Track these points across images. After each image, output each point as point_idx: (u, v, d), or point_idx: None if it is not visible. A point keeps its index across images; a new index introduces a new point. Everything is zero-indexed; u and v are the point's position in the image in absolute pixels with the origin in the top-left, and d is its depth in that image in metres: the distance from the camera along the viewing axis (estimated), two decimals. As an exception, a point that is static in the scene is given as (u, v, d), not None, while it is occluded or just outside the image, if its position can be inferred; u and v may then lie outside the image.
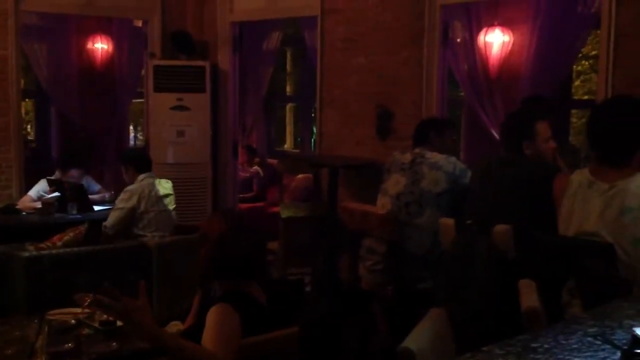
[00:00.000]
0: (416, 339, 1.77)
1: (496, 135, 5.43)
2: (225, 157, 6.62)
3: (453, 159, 3.41)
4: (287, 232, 5.07)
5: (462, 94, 6.46)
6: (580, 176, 2.63)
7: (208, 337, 2.08)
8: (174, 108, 6.12)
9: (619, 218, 2.46)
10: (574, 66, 7.10)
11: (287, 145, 10.17)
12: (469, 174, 3.37)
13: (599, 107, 2.76)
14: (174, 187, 4.86)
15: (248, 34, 6.76)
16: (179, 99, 6.12)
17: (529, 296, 2.17)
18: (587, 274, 2.41)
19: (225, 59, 6.52)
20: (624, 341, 1.70)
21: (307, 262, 5.12)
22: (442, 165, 3.36)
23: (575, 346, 1.68)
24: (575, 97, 7.41)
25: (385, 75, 5.29)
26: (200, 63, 6.24)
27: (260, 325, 2.22)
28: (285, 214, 5.11)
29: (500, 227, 2.89)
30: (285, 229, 5.08)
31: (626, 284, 2.33)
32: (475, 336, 2.50)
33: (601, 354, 1.62)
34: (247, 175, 7.27)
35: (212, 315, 2.14)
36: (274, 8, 6.12)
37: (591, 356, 1.61)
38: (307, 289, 4.88)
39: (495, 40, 5.78)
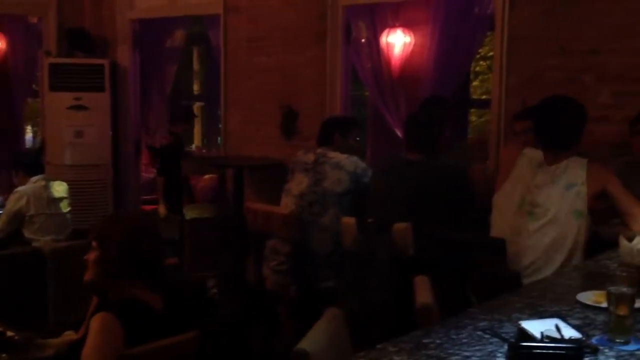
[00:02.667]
0: (311, 340, 1.76)
1: (400, 134, 5.53)
2: (126, 158, 6.44)
3: (354, 158, 3.44)
4: (192, 232, 4.98)
5: (367, 93, 6.55)
6: (534, 153, 2.98)
7: (87, 349, 2.02)
8: (71, 108, 5.90)
9: (564, 192, 2.81)
10: (473, 67, 7.31)
11: (195, 145, 10.00)
12: (370, 173, 3.41)
13: (545, 103, 3.09)
14: (72, 189, 4.69)
15: (150, 32, 6.60)
16: (77, 98, 5.90)
17: (422, 292, 2.21)
18: (479, 269, 2.50)
19: (125, 57, 6.33)
20: (512, 334, 1.76)
21: (212, 263, 5.04)
22: (344, 165, 3.39)
23: (465, 340, 1.72)
24: (474, 97, 7.64)
25: (290, 75, 5.29)
26: (98, 61, 6.04)
27: (152, 333, 2.15)
28: (189, 215, 5.02)
29: (399, 226, 2.94)
30: (190, 229, 4.99)
31: (515, 278, 2.42)
32: (374, 334, 2.53)
33: (489, 347, 1.67)
34: (150, 176, 7.09)
35: (92, 325, 2.08)
36: (176, 5, 5.99)
37: (480, 350, 1.66)
38: (214, 290, 4.80)
39: (397, 41, 5.88)
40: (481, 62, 9.00)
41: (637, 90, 3.88)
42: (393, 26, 5.82)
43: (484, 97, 8.13)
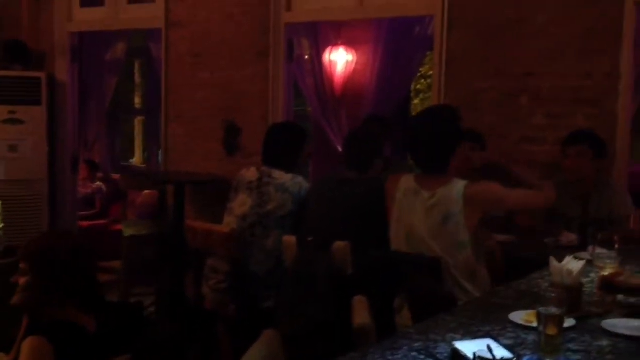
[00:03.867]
0: (247, 363, 1.75)
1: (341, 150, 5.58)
2: (63, 173, 6.29)
3: (299, 179, 3.42)
4: (130, 250, 4.88)
5: (309, 108, 6.58)
6: (406, 183, 2.79)
7: None
8: (5, 121, 5.75)
9: (443, 225, 2.67)
10: (414, 85, 7.45)
11: (136, 160, 9.85)
12: None
13: (413, 120, 2.94)
14: (6, 205, 4.55)
15: (90, 45, 6.48)
16: (12, 112, 5.75)
17: (360, 313, 2.23)
18: (414, 289, 2.53)
19: (63, 70, 6.19)
20: (446, 355, 1.79)
21: (151, 281, 4.96)
22: (289, 187, 3.36)
23: (401, 362, 1.74)
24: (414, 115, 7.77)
25: (232, 91, 5.27)
26: (35, 74, 5.90)
27: (85, 356, 2.10)
28: (127, 232, 4.93)
29: (339, 244, 2.95)
30: (128, 247, 4.89)
31: (451, 298, 2.46)
32: (313, 354, 2.54)
33: (423, 369, 1.69)
34: (89, 191, 6.93)
35: (22, 349, 2.03)
36: (117, 19, 5.91)
37: (414, 371, 1.67)
38: (151, 309, 4.72)
39: (340, 59, 5.96)
40: (422, 81, 9.19)
41: (569, 111, 4.01)
42: (336, 44, 5.89)
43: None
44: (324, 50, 5.81)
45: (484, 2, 4.22)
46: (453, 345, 1.79)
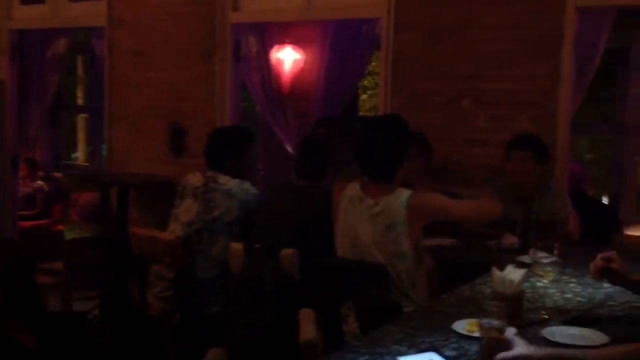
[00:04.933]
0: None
1: (290, 149, 5.57)
2: (3, 171, 6.10)
3: (246, 185, 3.38)
4: (72, 254, 4.76)
5: (257, 107, 6.54)
6: (352, 190, 2.80)
7: None
8: (-58, 120, 5.54)
9: (386, 233, 2.69)
10: (361, 81, 7.48)
11: (80, 159, 9.61)
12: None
13: (362, 129, 2.94)
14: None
15: (30, 42, 6.29)
16: (-51, 111, 5.54)
17: (306, 327, 2.23)
18: (360, 297, 2.55)
19: (2, 68, 6.00)
20: (390, 368, 1.80)
21: (94, 285, 4.85)
22: (236, 193, 3.33)
23: (346, 377, 1.74)
24: (363, 111, 7.82)
25: (178, 91, 5.19)
26: (-28, 72, 5.71)
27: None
28: (69, 235, 4.80)
29: (286, 251, 2.95)
30: (70, 250, 4.77)
31: (396, 306, 2.48)
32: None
33: (368, 385, 1.70)
34: (29, 190, 6.74)
35: None
36: (58, 16, 5.75)
37: (359, 387, 1.68)
38: (95, 312, 4.62)
39: (287, 58, 5.93)
40: (369, 77, 9.22)
41: (512, 115, 4.09)
42: (283, 43, 5.85)
43: (372, 113, 8.31)
44: (271, 49, 5.77)
45: (430, 5, 4.25)
46: (397, 359, 1.81)
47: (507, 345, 1.68)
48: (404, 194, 2.70)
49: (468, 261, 3.23)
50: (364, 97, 9.77)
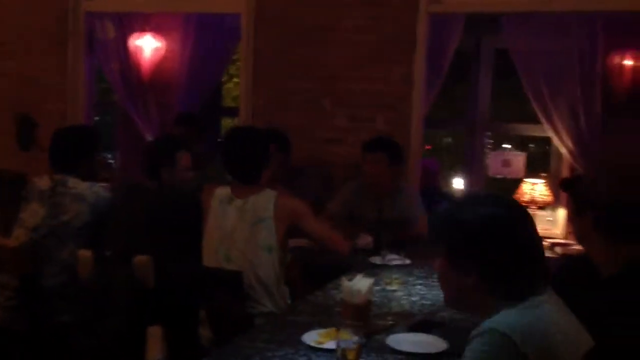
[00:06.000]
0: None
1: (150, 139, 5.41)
2: None
3: (96, 188, 3.24)
4: None
5: (115, 96, 6.29)
6: (223, 191, 2.92)
7: None
8: None
9: (253, 228, 2.80)
10: (227, 70, 7.39)
11: None
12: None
13: (228, 137, 3.05)
14: None
15: None
16: None
17: (153, 346, 2.19)
18: (213, 306, 2.54)
19: None
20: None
21: None
22: (86, 196, 3.18)
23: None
24: (228, 100, 7.73)
25: (27, 81, 4.90)
26: None
27: None
28: None
29: (140, 258, 2.86)
30: None
31: (248, 318, 2.49)
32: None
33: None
34: None
35: None
36: None
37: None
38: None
39: (147, 46, 5.74)
40: (235, 65, 9.12)
41: (369, 115, 4.22)
42: (143, 30, 5.66)
43: (234, 105, 8.23)
44: (130, 36, 5.57)
45: (291, 5, 4.28)
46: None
47: None
48: (271, 193, 2.87)
49: (324, 261, 3.29)
50: (230, 84, 9.66)
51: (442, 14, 4.19)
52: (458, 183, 8.05)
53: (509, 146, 11.23)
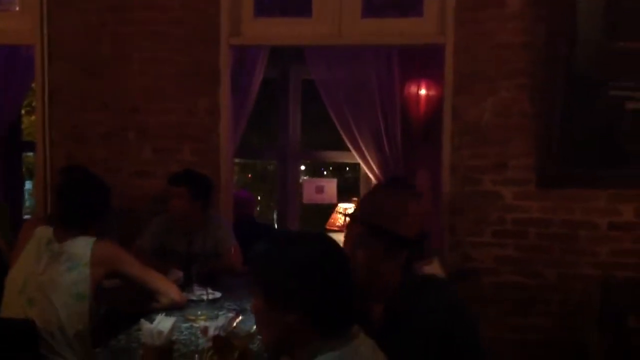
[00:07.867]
0: None
1: None
2: None
3: None
4: None
5: None
6: (45, 232, 2.81)
7: None
8: None
9: (65, 274, 2.68)
10: (29, 101, 6.95)
11: None
12: None
13: (60, 179, 3.15)
14: None
15: None
16: None
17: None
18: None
19: None
20: None
21: None
22: None
23: None
24: (28, 134, 7.24)
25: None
26: None
27: None
28: None
29: None
30: None
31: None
32: None
33: None
34: None
35: None
36: None
37: None
38: None
39: None
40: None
41: (173, 147, 4.13)
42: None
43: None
44: None
45: (82, 37, 4.13)
46: None
47: None
48: (89, 240, 2.76)
49: (131, 302, 3.14)
50: (33, 117, 9.09)
51: (243, 46, 4.24)
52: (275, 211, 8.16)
53: (325, 172, 11.63)
